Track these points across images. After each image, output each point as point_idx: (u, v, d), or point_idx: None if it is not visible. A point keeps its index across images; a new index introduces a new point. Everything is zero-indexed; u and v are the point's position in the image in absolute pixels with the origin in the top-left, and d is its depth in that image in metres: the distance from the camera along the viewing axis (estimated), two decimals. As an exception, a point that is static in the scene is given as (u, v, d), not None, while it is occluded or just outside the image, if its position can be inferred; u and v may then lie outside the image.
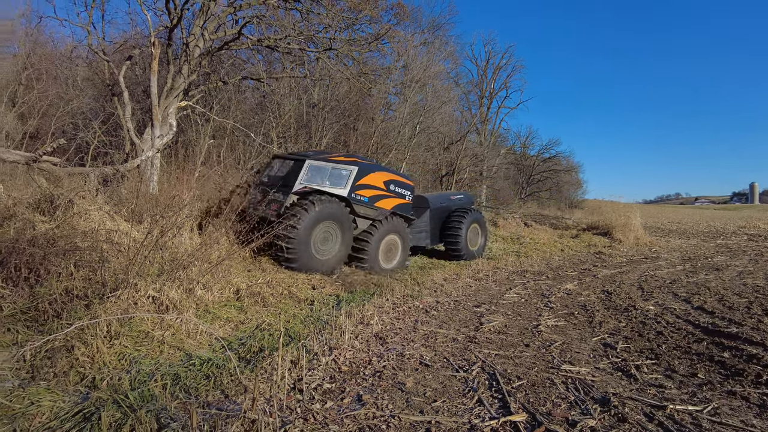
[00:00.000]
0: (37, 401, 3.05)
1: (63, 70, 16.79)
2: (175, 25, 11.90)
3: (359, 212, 9.07)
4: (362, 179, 9.11)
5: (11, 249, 5.17)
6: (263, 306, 5.82)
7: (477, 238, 12.00)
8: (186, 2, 11.99)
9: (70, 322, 4.08)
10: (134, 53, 13.66)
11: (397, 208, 9.81)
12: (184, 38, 11.94)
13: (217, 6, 11.91)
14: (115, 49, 15.06)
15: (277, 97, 18.45)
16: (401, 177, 10.14)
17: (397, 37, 18.97)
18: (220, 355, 4.06)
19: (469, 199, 12.83)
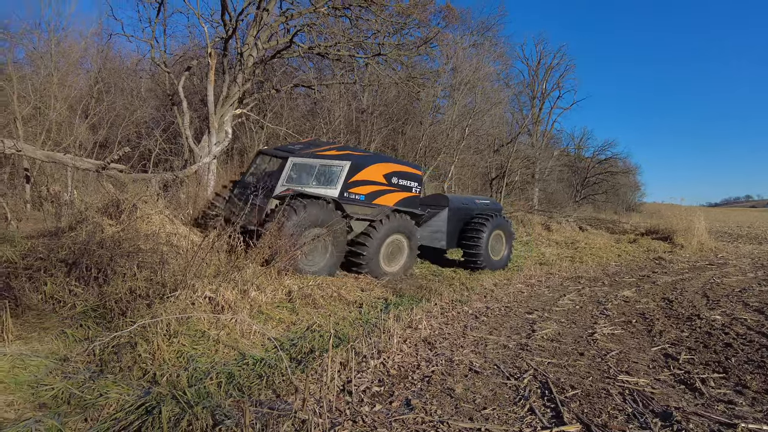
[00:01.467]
0: (105, 393, 3.24)
1: (129, 82, 17.85)
2: (230, 36, 12.38)
3: (354, 213, 8.09)
4: (357, 175, 8.13)
5: (83, 250, 5.54)
6: (314, 308, 5.93)
7: (500, 246, 10.78)
8: (240, 14, 12.45)
9: (133, 320, 4.31)
10: (192, 64, 14.33)
11: (402, 203, 8.82)
12: (239, 48, 12.38)
13: (270, 16, 12.28)
14: (175, 61, 15.84)
15: (328, 104, 18.79)
16: (406, 166, 9.10)
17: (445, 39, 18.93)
18: (272, 355, 4.16)
19: (497, 206, 11.86)
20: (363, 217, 8.25)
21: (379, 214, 8.37)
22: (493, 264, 10.39)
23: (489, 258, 10.30)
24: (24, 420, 2.89)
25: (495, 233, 10.51)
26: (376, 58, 13.69)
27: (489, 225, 10.29)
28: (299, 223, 7.11)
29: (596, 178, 38.34)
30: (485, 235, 10.16)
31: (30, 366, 3.53)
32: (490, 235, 10.32)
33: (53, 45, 15.06)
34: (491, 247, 10.41)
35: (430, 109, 21.11)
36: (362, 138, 19.24)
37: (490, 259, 10.34)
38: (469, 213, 10.70)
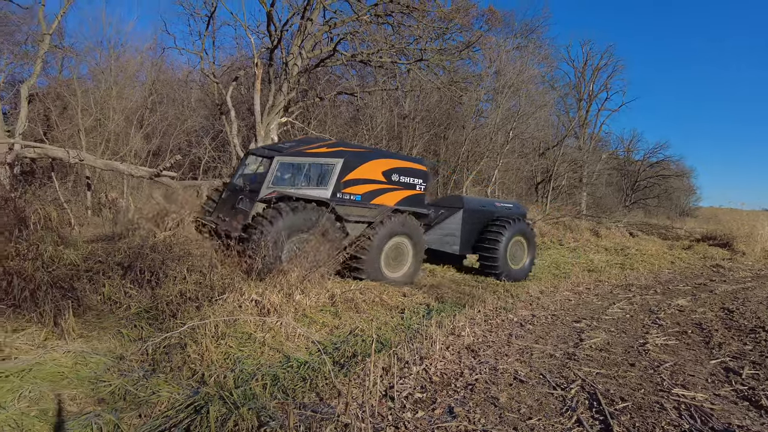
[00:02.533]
0: (157, 391, 3.38)
1: (180, 93, 18.64)
2: (275, 46, 12.73)
3: (349, 216, 7.43)
4: (351, 173, 7.50)
5: (137, 254, 5.82)
6: (356, 312, 5.97)
7: (521, 254, 9.98)
8: (285, 24, 12.80)
9: (183, 322, 4.48)
10: (240, 74, 14.82)
11: (405, 201, 8.17)
12: (284, 58, 12.72)
13: (314, 26, 12.54)
14: (224, 72, 16.43)
15: (370, 110, 18.96)
16: (408, 162, 8.44)
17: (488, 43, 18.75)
18: (315, 359, 4.22)
19: (520, 210, 10.98)
20: (360, 219, 7.60)
21: (379, 215, 7.73)
22: (512, 273, 9.60)
23: (507, 266, 9.54)
24: (85, 414, 3.06)
25: (515, 239, 9.76)
26: (418, 63, 13.72)
27: (508, 230, 9.53)
28: (284, 229, 6.50)
29: (647, 181, 36.79)
30: (504, 241, 9.41)
31: (90, 363, 3.73)
32: (510, 241, 9.57)
33: (113, 60, 15.93)
34: (511, 254, 9.67)
35: (472, 113, 20.91)
36: (404, 143, 19.29)
37: (509, 267, 9.57)
38: (488, 216, 9.98)
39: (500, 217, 9.92)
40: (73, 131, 12.69)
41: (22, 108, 10.94)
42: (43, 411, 3.03)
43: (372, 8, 12.50)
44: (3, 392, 3.15)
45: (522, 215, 10.60)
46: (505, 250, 9.44)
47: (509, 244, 9.54)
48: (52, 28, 12.39)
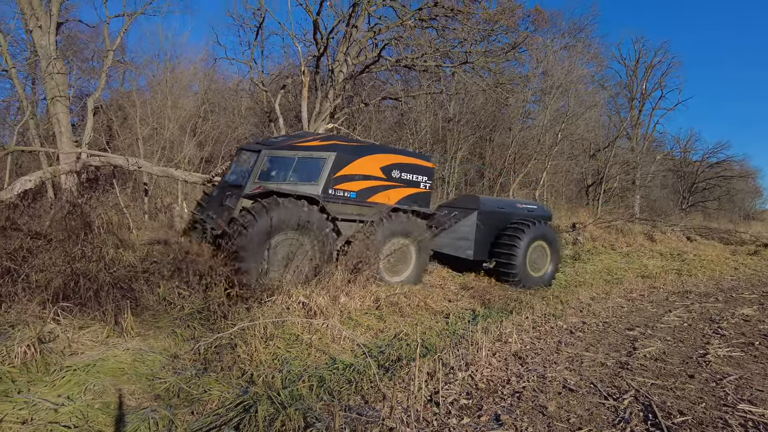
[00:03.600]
0: (209, 390, 3.51)
1: (231, 102, 19.33)
2: (321, 54, 12.98)
3: (342, 214, 6.95)
4: (345, 168, 7.00)
5: (189, 257, 6.07)
6: (401, 316, 5.97)
7: (543, 261, 9.22)
8: (331, 32, 13.02)
9: (234, 323, 4.63)
10: (287, 82, 15.19)
11: (407, 200, 7.64)
12: (330, 65, 12.93)
13: (359, 32, 12.70)
14: (272, 80, 16.91)
15: (414, 114, 18.98)
16: (411, 157, 7.91)
17: (535, 44, 18.38)
18: (361, 361, 4.25)
19: (544, 212, 10.28)
20: (355, 218, 7.08)
21: (377, 213, 7.19)
22: (532, 281, 8.83)
23: (526, 272, 8.79)
24: (143, 408, 3.21)
25: (536, 244, 8.99)
26: (463, 66, 13.62)
27: (528, 233, 8.78)
28: (267, 228, 6.05)
29: (707, 183, 34.87)
30: (522, 245, 8.67)
31: (147, 360, 3.92)
32: (530, 245, 8.83)
33: (168, 72, 16.73)
34: (530, 260, 8.91)
35: (519, 115, 20.55)
36: (449, 146, 19.18)
37: (528, 274, 8.82)
38: (506, 217, 9.27)
39: (520, 220, 9.22)
40: (132, 140, 13.42)
41: (89, 119, 11.66)
42: (105, 404, 3.21)
43: (416, 13, 12.53)
44: (71, 385, 3.35)
45: (546, 218, 9.94)
46: (524, 255, 8.74)
47: (529, 250, 8.84)
48: (115, 44, 13.16)
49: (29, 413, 2.94)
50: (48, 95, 10.08)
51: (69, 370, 3.52)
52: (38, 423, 2.86)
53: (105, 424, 3.00)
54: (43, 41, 9.71)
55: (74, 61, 15.07)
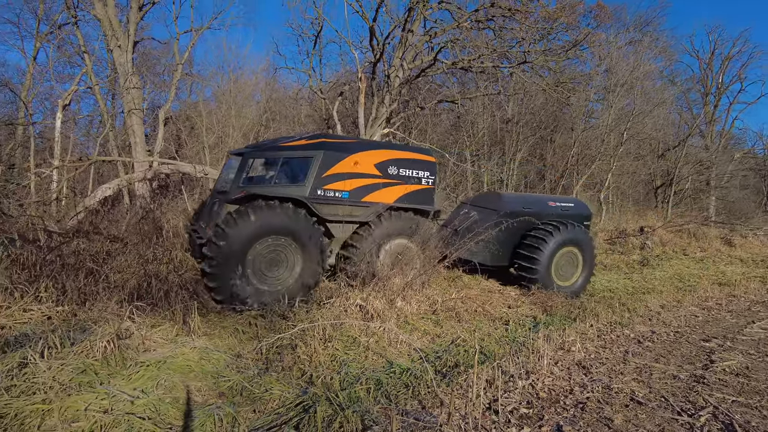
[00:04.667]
0: (270, 389, 3.62)
1: (291, 110, 19.94)
2: (378, 60, 13.11)
3: (333, 216, 6.57)
4: (335, 167, 6.57)
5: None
6: (458, 321, 5.90)
7: (573, 269, 8.09)
8: (387, 37, 13.13)
9: (294, 324, 4.75)
10: (345, 89, 15.47)
11: (407, 198, 7.14)
12: (386, 70, 13.04)
13: (414, 36, 12.73)
14: (330, 88, 17.29)
15: (471, 116, 18.76)
16: (410, 152, 7.38)
17: (597, 40, 17.66)
18: (417, 366, 4.23)
19: (581, 210, 9.01)
20: (348, 219, 6.72)
21: (373, 212, 6.77)
22: (558, 290, 7.73)
23: (550, 280, 7.78)
24: (208, 405, 3.36)
25: (566, 250, 7.92)
26: (522, 66, 13.32)
27: (555, 237, 7.74)
28: (248, 233, 5.74)
29: (795, 183, 31.96)
30: (547, 250, 7.68)
31: (212, 359, 4.10)
32: (557, 250, 7.80)
33: (232, 83, 17.51)
34: (557, 268, 7.88)
35: (581, 115, 19.79)
36: (507, 148, 18.79)
37: (552, 283, 7.78)
38: (532, 218, 8.09)
39: (549, 221, 8.12)
40: (199, 148, 14.15)
41: (160, 130, 12.42)
42: (175, 399, 3.39)
43: (473, 14, 12.40)
44: (145, 379, 3.57)
45: (583, 218, 8.79)
46: (549, 261, 7.74)
47: (556, 256, 7.81)
48: (184, 59, 13.95)
49: (109, 403, 3.15)
50: (125, 108, 10.83)
51: (143, 366, 3.74)
52: (117, 413, 3.06)
53: (175, 418, 3.16)
54: (122, 59, 10.44)
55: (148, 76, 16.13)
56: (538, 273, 7.69)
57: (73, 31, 15.25)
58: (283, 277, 6.04)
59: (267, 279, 5.93)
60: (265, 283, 5.90)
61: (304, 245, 6.07)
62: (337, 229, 6.67)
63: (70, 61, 18.91)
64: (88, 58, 14.15)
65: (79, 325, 4.38)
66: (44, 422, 2.93)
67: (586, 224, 8.70)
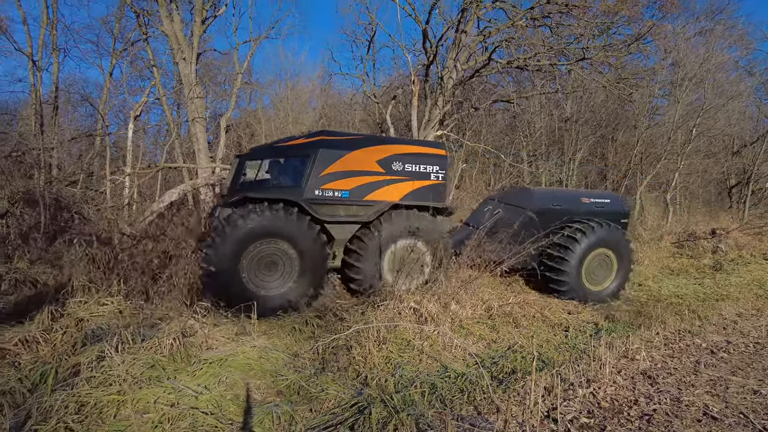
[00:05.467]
0: (326, 389, 3.68)
1: (345, 115, 20.28)
2: (431, 62, 13.08)
3: (332, 216, 6.30)
4: (333, 165, 6.26)
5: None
6: (515, 327, 5.76)
7: (606, 273, 7.54)
8: (440, 39, 13.08)
9: (349, 325, 4.81)
10: (398, 93, 15.53)
11: (414, 194, 6.71)
12: (439, 72, 12.98)
13: (468, 37, 12.59)
14: (383, 92, 17.44)
15: (528, 116, 18.32)
16: (415, 146, 6.97)
17: (663, 32, 16.69)
18: (473, 371, 4.17)
19: (617, 206, 8.26)
20: (349, 219, 6.41)
21: (377, 211, 6.43)
22: (589, 295, 7.27)
23: (580, 285, 7.26)
24: (267, 403, 3.47)
25: (598, 252, 7.35)
26: (580, 63, 12.85)
27: (587, 237, 7.16)
28: (237, 238, 5.66)
29: None
30: (577, 251, 7.12)
31: (271, 358, 4.22)
32: (588, 252, 7.22)
33: (289, 90, 18.04)
34: (588, 271, 7.33)
35: (645, 111, 18.80)
36: (566, 148, 18.18)
37: (582, 287, 7.28)
38: (561, 216, 7.58)
39: (580, 220, 7.52)
40: (258, 154, 14.62)
41: (221, 137, 12.96)
42: (235, 396, 3.52)
43: (528, 12, 12.11)
44: (207, 376, 3.73)
45: (620, 215, 8.08)
46: (579, 264, 7.18)
47: (587, 259, 7.25)
48: (243, 68, 14.51)
49: (175, 398, 3.33)
50: (189, 117, 11.39)
51: (206, 363, 3.92)
52: (182, 407, 3.22)
53: (235, 414, 3.29)
54: (186, 71, 11.00)
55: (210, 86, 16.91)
56: (566, 274, 7.15)
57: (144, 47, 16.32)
58: (281, 280, 5.93)
59: (264, 282, 5.85)
60: (262, 287, 5.83)
61: (299, 247, 5.93)
62: (337, 230, 6.41)
63: (141, 74, 20.25)
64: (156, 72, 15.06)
65: (148, 322, 4.65)
66: (119, 412, 3.14)
67: (623, 222, 8.08)
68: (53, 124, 16.99)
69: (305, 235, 5.94)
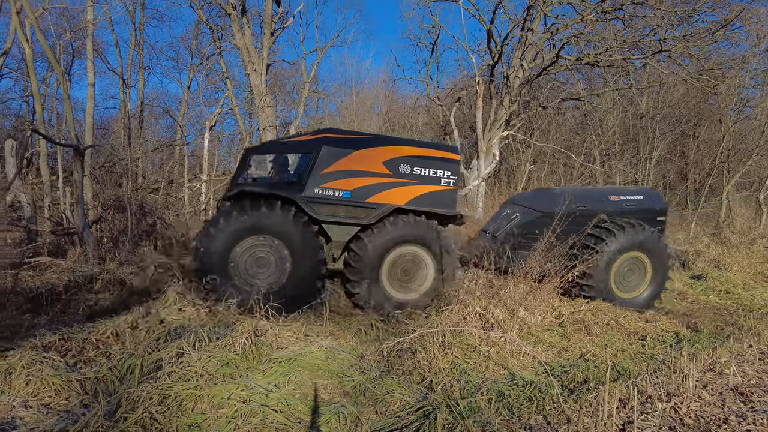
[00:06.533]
0: (391, 391, 3.70)
1: (409, 119, 20.39)
2: (496, 62, 12.85)
3: (330, 216, 6.01)
4: (335, 164, 5.99)
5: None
6: (587, 335, 5.51)
7: (639, 278, 6.83)
8: (505, 39, 12.82)
9: (414, 329, 4.81)
10: (462, 94, 15.39)
11: (422, 200, 6.29)
12: (505, 72, 12.73)
13: (535, 35, 12.25)
14: (447, 94, 17.36)
15: (599, 113, 17.52)
16: (426, 149, 6.52)
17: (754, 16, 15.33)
18: (542, 380, 4.03)
19: (652, 203, 7.49)
20: (347, 221, 6.10)
21: (378, 214, 6.09)
22: (618, 302, 6.54)
23: (608, 291, 6.63)
24: (333, 403, 3.55)
25: (630, 255, 6.71)
26: (657, 56, 12.10)
27: (616, 240, 6.57)
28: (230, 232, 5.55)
29: None
30: (605, 255, 6.54)
31: (338, 358, 4.31)
32: (617, 257, 6.63)
33: (354, 96, 18.40)
34: (618, 276, 6.71)
35: (733, 104, 17.36)
36: (642, 146, 17.18)
37: (611, 294, 6.63)
38: (588, 218, 6.97)
39: (609, 220, 6.90)
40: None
41: (290, 144, 13.44)
42: (304, 395, 3.63)
43: (598, 5, 11.59)
44: (277, 375, 3.88)
45: (655, 212, 7.32)
46: (607, 268, 6.60)
47: (615, 263, 6.66)
48: (310, 77, 15.00)
49: (247, 395, 3.48)
50: (260, 126, 11.92)
51: (276, 362, 4.07)
52: (254, 404, 3.36)
53: (303, 413, 3.38)
54: (257, 81, 11.53)
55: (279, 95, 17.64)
56: (593, 278, 6.51)
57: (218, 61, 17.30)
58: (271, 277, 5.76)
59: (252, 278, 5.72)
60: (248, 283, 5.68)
61: (292, 246, 5.74)
62: (336, 231, 6.12)
63: (215, 87, 21.61)
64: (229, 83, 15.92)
65: (222, 321, 4.90)
66: (196, 406, 3.33)
67: (659, 220, 7.32)
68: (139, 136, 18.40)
69: (298, 233, 5.75)
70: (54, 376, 3.52)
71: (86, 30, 15.04)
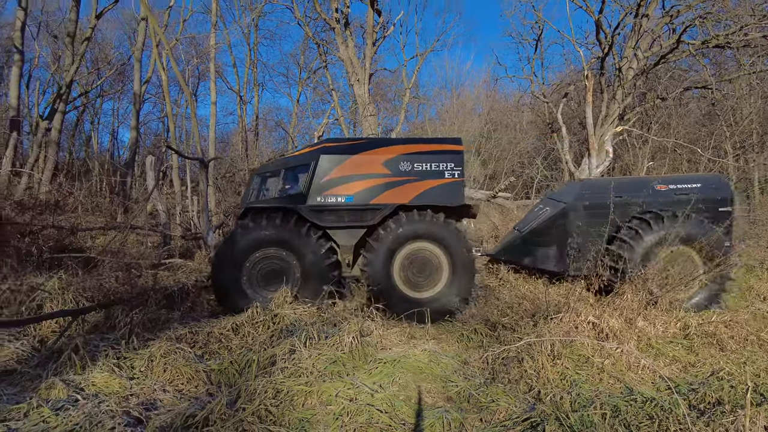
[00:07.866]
0: (496, 400, 3.61)
1: (512, 118, 19.79)
2: (606, 54, 12.02)
3: (335, 222, 6.13)
4: (335, 171, 6.14)
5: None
6: (720, 350, 4.91)
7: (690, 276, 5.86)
8: (616, 28, 11.95)
9: (520, 337, 4.64)
10: (569, 90, 14.60)
11: (427, 195, 6.19)
12: (616, 63, 11.86)
13: (650, 21, 11.26)
14: (553, 91, 16.57)
15: (732, 101, 15.60)
16: (426, 144, 6.45)
17: None
18: (665, 396, 3.67)
19: (710, 192, 6.40)
20: (352, 225, 6.17)
21: (381, 214, 6.09)
22: None
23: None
24: (437, 407, 3.54)
25: (674, 251, 5.90)
26: (807, 30, 10.49)
27: (652, 233, 5.87)
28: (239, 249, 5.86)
29: None
30: (639, 249, 5.86)
31: (441, 363, 4.30)
32: (655, 252, 5.88)
33: (454, 99, 18.28)
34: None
35: None
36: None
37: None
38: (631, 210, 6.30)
39: (649, 211, 6.22)
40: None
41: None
42: (408, 397, 3.67)
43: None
44: (382, 375, 3.96)
45: (716, 202, 6.33)
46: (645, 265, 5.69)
47: (656, 257, 5.85)
48: (411, 83, 15.19)
49: (354, 393, 3.60)
50: (364, 134, 12.31)
51: (381, 362, 4.16)
52: (360, 403, 3.47)
53: (407, 415, 3.42)
54: (360, 91, 11.94)
55: (381, 103, 18.07)
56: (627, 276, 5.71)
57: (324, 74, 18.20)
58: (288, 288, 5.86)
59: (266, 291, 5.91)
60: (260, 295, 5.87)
61: (299, 254, 5.93)
62: (341, 236, 6.26)
63: (322, 99, 22.84)
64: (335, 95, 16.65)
65: (329, 320, 5.13)
66: (306, 401, 3.51)
67: (721, 211, 6.34)
68: (254, 148, 19.95)
69: (303, 242, 5.93)
70: (185, 366, 3.95)
71: (209, 54, 16.67)
